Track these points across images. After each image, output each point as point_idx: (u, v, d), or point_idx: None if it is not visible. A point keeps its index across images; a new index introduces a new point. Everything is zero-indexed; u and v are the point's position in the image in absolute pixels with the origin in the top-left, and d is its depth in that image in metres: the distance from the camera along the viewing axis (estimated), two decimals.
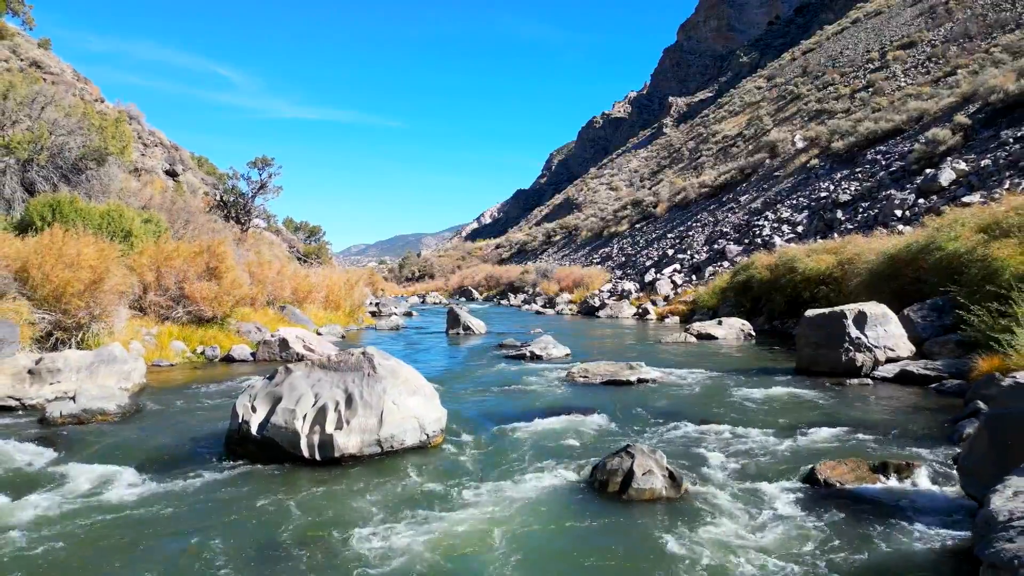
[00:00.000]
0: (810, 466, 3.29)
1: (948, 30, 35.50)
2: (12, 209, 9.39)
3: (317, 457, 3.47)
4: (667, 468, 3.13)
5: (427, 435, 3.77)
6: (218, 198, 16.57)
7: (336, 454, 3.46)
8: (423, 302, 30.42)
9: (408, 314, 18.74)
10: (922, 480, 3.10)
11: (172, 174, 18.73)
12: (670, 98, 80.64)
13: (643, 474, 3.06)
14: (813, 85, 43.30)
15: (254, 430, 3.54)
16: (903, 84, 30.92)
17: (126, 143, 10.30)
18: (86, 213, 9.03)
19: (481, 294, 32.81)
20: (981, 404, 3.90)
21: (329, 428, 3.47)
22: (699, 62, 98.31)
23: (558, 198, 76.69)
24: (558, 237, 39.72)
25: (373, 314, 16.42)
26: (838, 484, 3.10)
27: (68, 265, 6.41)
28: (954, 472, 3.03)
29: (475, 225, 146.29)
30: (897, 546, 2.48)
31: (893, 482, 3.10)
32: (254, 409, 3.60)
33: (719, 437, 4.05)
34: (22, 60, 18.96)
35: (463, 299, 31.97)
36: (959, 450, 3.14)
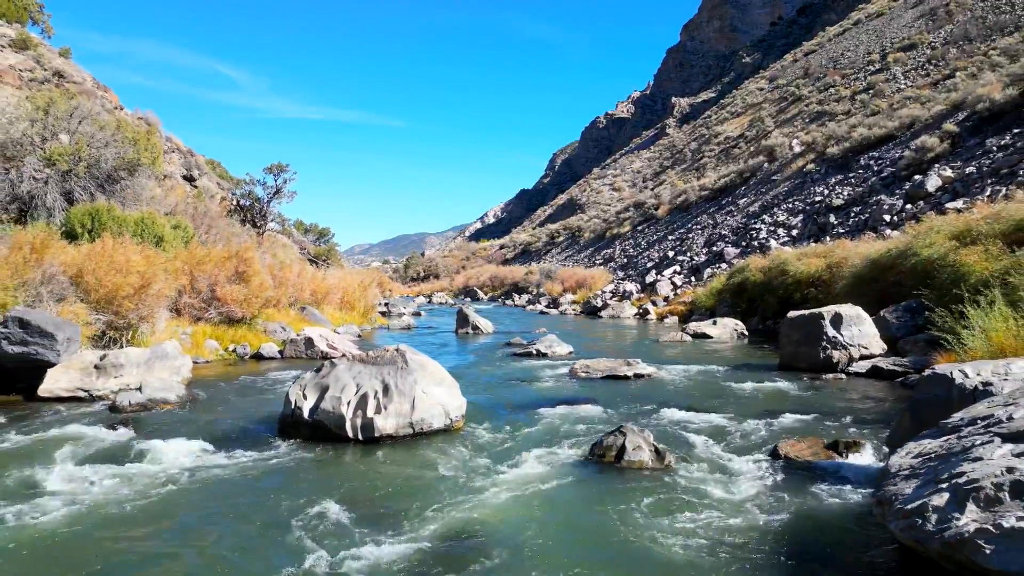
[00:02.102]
0: (774, 444, 3.92)
1: (948, 32, 35.91)
2: (53, 217, 10.08)
3: (360, 437, 4.12)
4: (653, 444, 3.77)
5: (451, 419, 4.41)
6: (235, 202, 17.27)
7: (376, 434, 4.11)
8: (429, 302, 31.10)
9: (416, 314, 19.39)
10: (866, 455, 3.72)
11: (189, 179, 19.43)
12: (673, 98, 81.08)
13: (633, 449, 3.69)
14: (814, 87, 43.78)
15: (306, 414, 4.19)
16: (903, 86, 31.41)
17: (157, 154, 10.99)
18: (122, 221, 9.71)
19: (486, 294, 33.46)
20: None
21: (370, 412, 4.12)
22: (702, 62, 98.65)
23: (561, 198, 77.31)
24: (561, 238, 40.33)
25: (383, 314, 17.07)
26: (796, 458, 3.73)
27: (118, 271, 7.09)
28: None
29: (479, 225, 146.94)
30: (832, 503, 3.10)
31: (842, 457, 3.72)
32: (305, 396, 4.25)
33: (701, 422, 4.69)
34: (45, 70, 19.70)
35: (468, 299, 32.63)
36: None
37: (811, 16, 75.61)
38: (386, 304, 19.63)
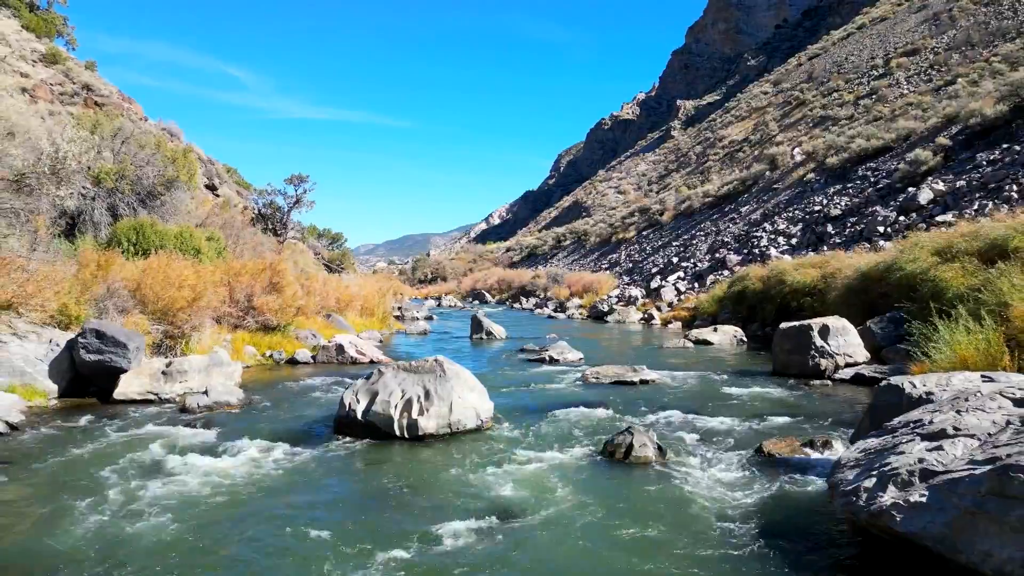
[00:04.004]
0: (759, 442, 4.61)
1: (951, 37, 36.36)
2: (99, 231, 10.87)
3: (406, 435, 4.84)
4: (656, 442, 4.46)
5: (481, 420, 5.13)
6: (257, 211, 18.07)
7: (420, 433, 4.83)
8: (439, 304, 31.86)
9: (429, 318, 20.11)
10: (836, 451, 4.39)
11: (211, 188, 20.23)
12: (678, 101, 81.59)
13: (639, 446, 4.39)
14: (818, 91, 44.28)
15: (359, 415, 4.91)
16: (905, 92, 31.92)
17: (193, 172, 11.76)
18: (163, 234, 10.48)
19: (494, 297, 34.20)
20: None
21: (414, 414, 4.84)
22: (707, 65, 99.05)
23: (567, 200, 78.02)
24: (568, 242, 40.99)
25: (398, 318, 17.81)
26: (777, 454, 4.42)
27: (172, 285, 7.84)
28: None
29: (484, 226, 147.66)
30: (801, 490, 3.79)
31: (815, 453, 4.41)
32: (358, 400, 4.98)
33: (699, 423, 5.38)
34: (74, 83, 20.56)
35: (476, 301, 33.38)
36: None
37: (816, 19, 75.97)
38: (399, 308, 20.37)
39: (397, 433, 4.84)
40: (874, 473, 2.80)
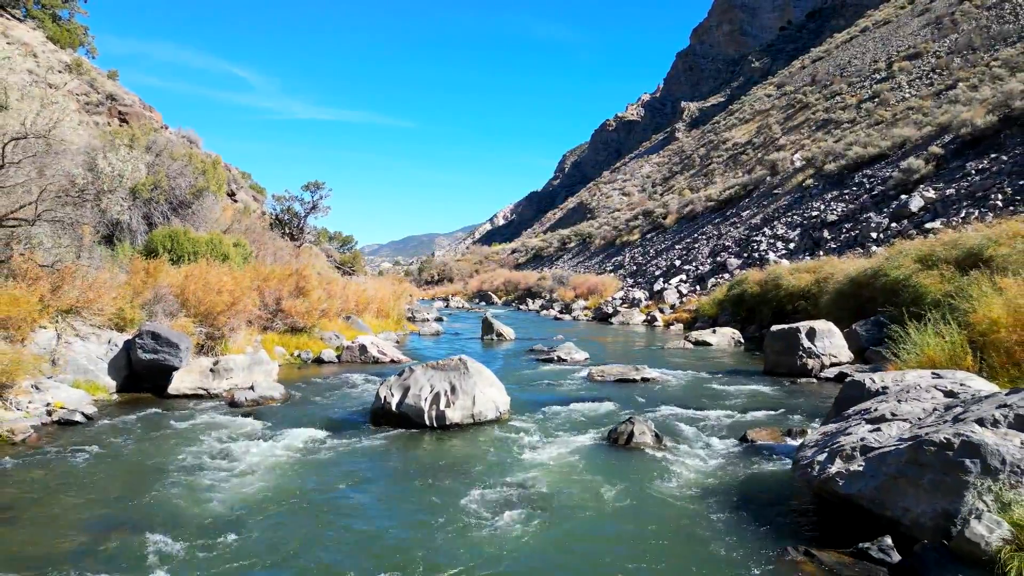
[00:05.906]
0: (744, 431, 5.28)
1: (953, 41, 36.78)
2: (136, 238, 11.62)
3: (435, 425, 5.53)
4: (654, 431, 5.14)
5: (500, 412, 5.81)
6: (274, 217, 18.82)
7: (447, 423, 5.52)
8: (447, 305, 32.57)
9: (439, 319, 20.83)
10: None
11: (230, 194, 21.01)
12: (682, 103, 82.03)
13: (640, 434, 5.06)
14: (821, 94, 44.76)
15: (394, 407, 5.61)
16: (907, 95, 32.42)
17: (221, 182, 12.51)
18: (196, 241, 11.22)
19: (500, 298, 34.89)
20: None
21: (442, 406, 5.53)
22: (711, 66, 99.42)
23: (571, 201, 78.67)
24: (573, 244, 41.63)
25: (410, 319, 18.52)
26: (759, 442, 5.08)
27: (212, 290, 8.57)
28: None
29: (488, 226, 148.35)
30: (775, 469, 4.45)
31: (792, 440, 5.06)
32: (392, 394, 5.67)
33: (692, 415, 6.04)
34: (99, 93, 21.39)
35: (483, 303, 34.08)
36: None
37: (820, 21, 76.33)
38: (410, 310, 21.07)
39: (427, 423, 5.53)
40: (827, 450, 3.47)
